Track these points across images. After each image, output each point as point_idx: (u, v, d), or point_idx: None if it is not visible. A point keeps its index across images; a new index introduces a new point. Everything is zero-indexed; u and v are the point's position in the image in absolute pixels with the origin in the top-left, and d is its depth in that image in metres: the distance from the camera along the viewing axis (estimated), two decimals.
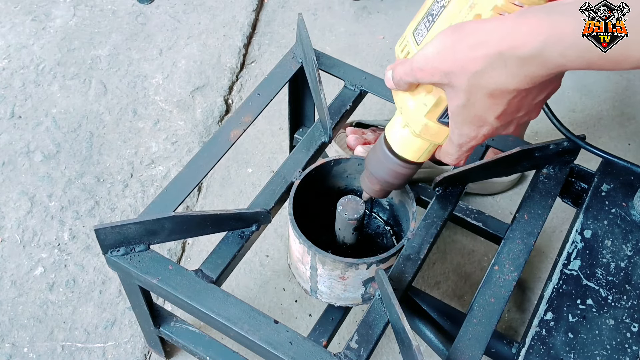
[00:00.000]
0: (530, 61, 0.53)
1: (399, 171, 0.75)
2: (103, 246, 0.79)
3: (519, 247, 0.85)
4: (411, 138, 0.71)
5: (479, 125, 0.62)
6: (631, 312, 0.77)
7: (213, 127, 1.42)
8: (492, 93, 0.57)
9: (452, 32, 0.57)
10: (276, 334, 0.75)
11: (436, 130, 0.67)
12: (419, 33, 0.64)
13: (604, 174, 0.90)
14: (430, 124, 0.67)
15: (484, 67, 0.55)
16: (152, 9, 1.65)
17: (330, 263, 0.81)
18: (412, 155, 0.73)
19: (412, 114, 0.67)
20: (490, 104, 0.59)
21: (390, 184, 0.78)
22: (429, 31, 0.63)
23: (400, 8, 1.69)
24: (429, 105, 0.65)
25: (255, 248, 1.22)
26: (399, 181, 0.77)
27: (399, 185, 0.78)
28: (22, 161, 1.34)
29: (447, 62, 0.58)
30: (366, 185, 0.81)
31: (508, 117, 0.61)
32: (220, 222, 0.83)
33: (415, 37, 0.64)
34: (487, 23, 0.55)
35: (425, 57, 0.60)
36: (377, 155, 0.76)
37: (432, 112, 0.66)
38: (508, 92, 0.57)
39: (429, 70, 0.60)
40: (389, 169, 0.76)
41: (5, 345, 1.10)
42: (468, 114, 0.61)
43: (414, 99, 0.66)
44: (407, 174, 0.76)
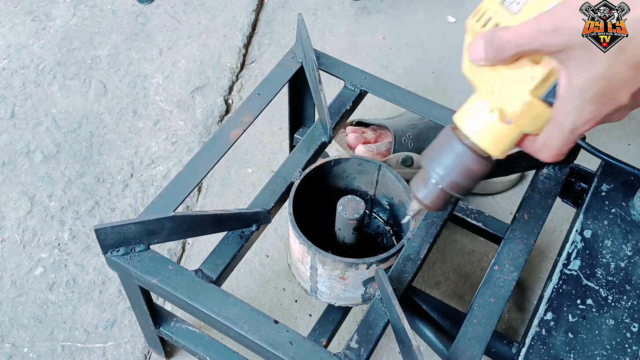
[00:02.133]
0: None
1: (473, 168, 0.62)
2: (103, 246, 0.79)
3: (519, 247, 0.85)
4: (498, 125, 0.60)
5: (606, 102, 0.54)
6: (631, 312, 0.77)
7: (213, 127, 1.42)
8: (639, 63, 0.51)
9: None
10: (276, 333, 0.75)
11: (539, 112, 0.57)
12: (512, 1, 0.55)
13: (604, 174, 0.90)
14: (536, 102, 0.56)
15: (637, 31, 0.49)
16: (152, 9, 1.65)
17: (330, 263, 0.81)
18: (495, 147, 0.61)
19: (513, 91, 0.57)
20: (632, 76, 0.51)
21: (459, 186, 0.64)
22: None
23: (400, 8, 1.69)
24: (537, 78, 0.55)
25: (255, 248, 1.22)
26: (469, 182, 0.64)
27: (467, 189, 0.65)
28: (22, 161, 1.34)
29: None
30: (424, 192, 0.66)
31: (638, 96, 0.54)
32: (220, 222, 0.84)
33: (506, 6, 0.56)
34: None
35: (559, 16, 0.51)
36: (443, 151, 0.64)
37: (539, 88, 0.56)
38: None
39: (565, 31, 0.51)
40: (461, 165, 0.62)
41: (5, 345, 1.10)
42: (601, 87, 0.52)
43: (516, 72, 0.56)
44: (480, 172, 0.63)
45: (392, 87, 1.02)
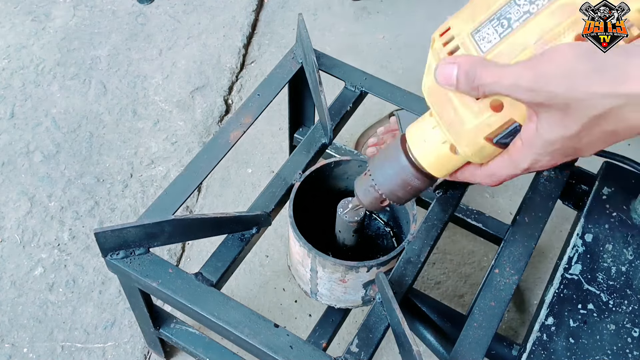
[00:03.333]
0: None
1: (413, 184, 0.65)
2: (103, 249, 0.79)
3: (520, 250, 0.84)
4: (447, 154, 0.61)
5: (569, 155, 0.54)
6: (632, 316, 0.77)
7: (213, 127, 1.42)
8: (616, 131, 0.50)
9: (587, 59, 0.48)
10: (276, 337, 0.75)
11: (490, 153, 0.58)
12: (484, 37, 0.54)
13: (605, 177, 0.90)
14: (488, 145, 0.57)
15: (622, 105, 0.47)
16: (152, 9, 1.64)
17: (331, 266, 0.80)
18: (438, 171, 0.63)
19: (466, 134, 0.57)
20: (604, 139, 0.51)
21: (396, 197, 0.67)
22: (502, 39, 0.53)
23: (400, 8, 1.69)
24: (493, 126, 0.55)
25: (255, 248, 1.22)
26: (407, 195, 0.67)
27: (404, 200, 0.68)
28: (22, 161, 1.34)
29: (575, 92, 0.48)
30: (364, 193, 0.70)
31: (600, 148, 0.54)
32: (221, 225, 0.83)
33: (477, 42, 0.55)
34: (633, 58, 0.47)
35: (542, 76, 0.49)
36: (389, 161, 0.66)
37: (493, 134, 0.56)
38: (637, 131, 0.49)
39: (544, 94, 0.49)
40: (402, 179, 0.65)
41: (5, 346, 1.10)
42: (568, 144, 0.52)
43: (473, 117, 0.56)
44: (419, 188, 0.66)
45: (392, 88, 1.01)
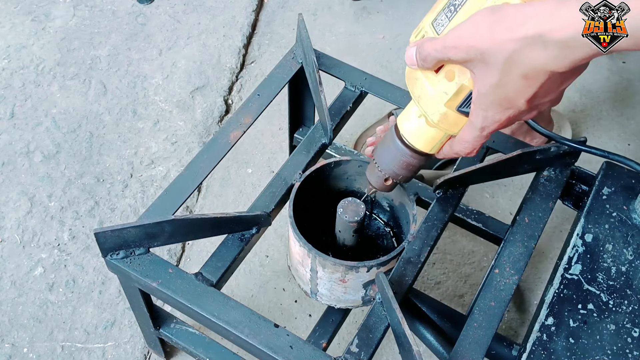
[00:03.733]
0: (571, 44, 0.53)
1: (409, 162, 0.75)
2: (103, 249, 0.79)
3: (520, 250, 0.84)
4: (426, 128, 0.71)
5: (506, 107, 0.62)
6: (632, 317, 0.77)
7: (213, 127, 1.42)
8: (527, 74, 0.57)
9: (491, 13, 0.58)
10: (276, 337, 0.75)
11: (454, 120, 0.67)
12: (439, 23, 0.64)
13: (605, 177, 0.90)
14: (450, 112, 0.66)
15: (522, 47, 0.55)
16: (152, 9, 1.64)
17: (331, 266, 0.80)
18: (425, 146, 0.73)
19: (431, 103, 0.66)
20: (523, 85, 0.58)
21: (399, 175, 0.77)
22: (450, 20, 0.63)
23: (400, 8, 1.69)
24: (449, 93, 0.65)
25: (255, 248, 1.22)
26: (408, 173, 0.77)
27: (407, 177, 0.78)
28: (22, 161, 1.34)
29: (483, 40, 0.57)
30: (374, 178, 0.80)
31: (536, 100, 0.61)
32: (220, 225, 0.83)
33: (434, 27, 0.65)
34: (526, 6, 0.55)
35: (459, 36, 0.60)
36: (387, 146, 0.76)
37: (452, 101, 0.65)
38: (543, 73, 0.57)
39: (463, 48, 0.59)
40: (400, 160, 0.75)
41: (5, 346, 1.10)
42: (498, 94, 0.60)
43: (433, 87, 0.66)
44: (417, 165, 0.76)
45: (392, 88, 1.01)
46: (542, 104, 0.63)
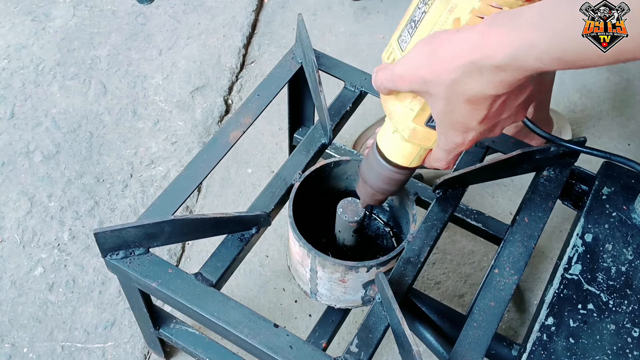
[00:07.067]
0: (504, 67, 0.54)
1: (393, 177, 0.76)
2: (102, 249, 0.79)
3: (519, 250, 0.84)
4: (401, 143, 0.71)
5: (463, 130, 0.63)
6: (632, 316, 0.77)
7: (213, 127, 1.42)
8: (470, 99, 0.58)
9: (428, 43, 0.59)
10: (276, 337, 0.75)
11: (424, 135, 0.68)
12: (403, 39, 0.65)
13: (605, 177, 0.90)
14: (419, 128, 0.67)
15: (459, 76, 0.56)
16: (152, 9, 1.64)
17: (331, 266, 0.80)
18: (403, 161, 0.73)
19: (400, 119, 0.67)
20: (470, 109, 0.59)
21: (385, 190, 0.78)
22: (412, 37, 0.64)
23: (400, 8, 1.69)
24: (415, 109, 0.65)
25: (255, 248, 1.22)
26: (393, 187, 0.78)
27: (394, 191, 0.78)
28: (21, 161, 1.34)
29: (424, 71, 0.59)
30: (362, 193, 0.81)
31: (491, 121, 0.62)
32: (220, 226, 0.83)
33: (400, 43, 0.65)
34: (457, 34, 0.56)
35: (404, 66, 0.61)
36: (370, 163, 0.77)
37: (419, 117, 0.66)
38: (485, 97, 0.58)
39: (408, 79, 0.61)
40: (383, 175, 0.76)
41: (5, 346, 1.10)
42: (450, 120, 0.62)
43: (401, 104, 0.67)
44: (400, 179, 0.76)
45: None
46: (501, 122, 0.63)
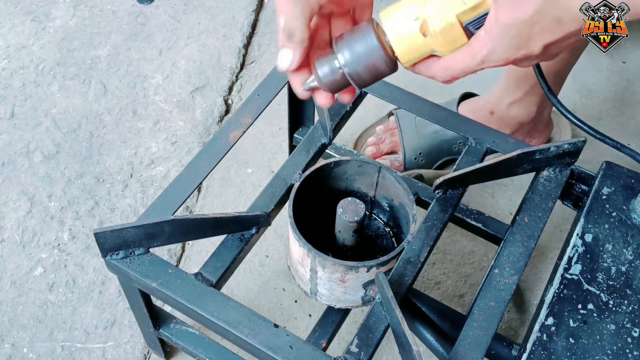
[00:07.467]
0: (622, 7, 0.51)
1: (378, 66, 0.64)
2: (102, 249, 0.79)
3: (519, 250, 0.84)
4: (416, 35, 0.61)
5: (520, 47, 0.57)
6: (632, 316, 0.77)
7: (213, 128, 1.42)
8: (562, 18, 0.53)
9: None
10: (276, 338, 0.75)
11: (455, 37, 0.60)
12: None
13: (605, 177, 0.90)
14: (457, 26, 0.59)
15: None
16: (152, 9, 1.64)
17: (331, 266, 0.80)
18: (405, 54, 0.63)
19: (443, 8, 0.58)
20: (552, 28, 0.54)
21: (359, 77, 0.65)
22: None
23: None
24: (468, 4, 0.58)
25: (255, 248, 1.22)
26: (368, 79, 0.65)
27: (363, 84, 0.66)
28: (21, 161, 1.34)
29: None
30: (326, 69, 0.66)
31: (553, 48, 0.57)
32: (220, 226, 0.83)
33: None
34: None
35: None
36: (358, 39, 0.64)
37: (466, 13, 0.58)
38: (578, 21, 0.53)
39: None
40: (367, 59, 0.64)
41: (5, 346, 1.10)
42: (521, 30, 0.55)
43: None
44: (382, 73, 0.65)
45: (392, 88, 1.01)
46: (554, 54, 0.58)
